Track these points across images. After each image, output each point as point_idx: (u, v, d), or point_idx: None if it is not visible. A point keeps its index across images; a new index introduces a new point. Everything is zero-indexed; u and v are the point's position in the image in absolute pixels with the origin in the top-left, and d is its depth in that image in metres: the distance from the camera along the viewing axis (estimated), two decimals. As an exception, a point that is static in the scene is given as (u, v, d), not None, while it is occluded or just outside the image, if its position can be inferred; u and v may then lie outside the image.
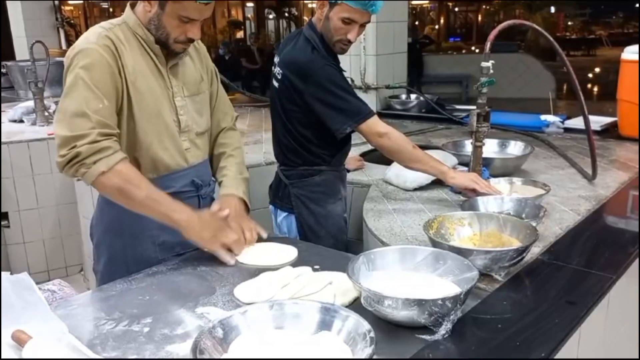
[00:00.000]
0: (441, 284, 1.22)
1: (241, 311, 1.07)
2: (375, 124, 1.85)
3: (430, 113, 3.67)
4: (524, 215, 1.61)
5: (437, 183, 2.10)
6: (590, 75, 12.53)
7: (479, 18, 17.96)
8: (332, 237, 1.94)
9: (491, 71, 1.88)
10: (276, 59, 2.01)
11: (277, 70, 1.97)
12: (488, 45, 1.87)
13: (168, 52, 1.54)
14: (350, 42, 1.90)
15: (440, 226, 1.50)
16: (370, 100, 3.86)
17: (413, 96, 3.96)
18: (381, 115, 3.88)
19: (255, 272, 1.41)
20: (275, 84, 1.97)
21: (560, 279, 1.36)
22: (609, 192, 1.99)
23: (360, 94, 3.90)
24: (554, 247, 1.54)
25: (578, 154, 2.51)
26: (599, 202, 1.90)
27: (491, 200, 1.69)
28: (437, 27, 21.18)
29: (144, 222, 1.51)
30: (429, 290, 1.19)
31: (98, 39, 1.45)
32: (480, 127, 1.91)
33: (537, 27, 1.91)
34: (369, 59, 3.77)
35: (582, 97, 1.90)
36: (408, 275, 1.27)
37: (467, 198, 1.85)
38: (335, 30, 1.87)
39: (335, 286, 1.29)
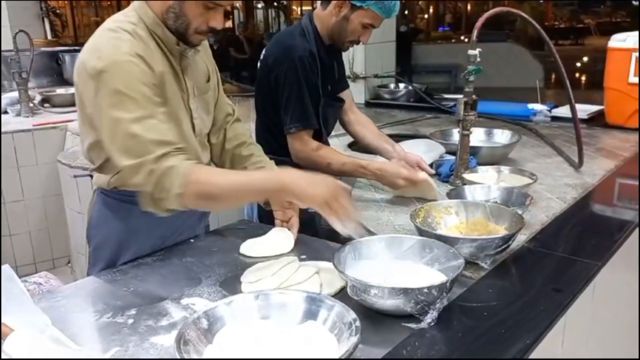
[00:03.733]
0: (427, 273, 1.22)
1: (226, 302, 1.06)
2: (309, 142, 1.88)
3: (418, 102, 3.67)
4: (510, 204, 1.61)
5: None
6: (578, 64, 12.56)
7: (468, 8, 17.95)
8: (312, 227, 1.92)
9: (478, 59, 1.88)
10: None
11: (262, 55, 1.97)
12: (475, 32, 1.86)
13: (181, 47, 1.39)
14: (359, 44, 1.94)
15: (427, 215, 1.50)
16: (359, 89, 3.85)
17: (402, 85, 3.95)
18: (370, 104, 3.89)
19: (241, 262, 1.41)
20: (259, 70, 1.96)
21: (546, 266, 1.37)
22: (595, 180, 2.00)
23: (349, 84, 3.89)
24: (540, 234, 1.55)
25: (565, 142, 2.52)
26: (585, 189, 1.91)
27: (478, 188, 1.69)
28: (426, 16, 21.12)
29: (149, 223, 1.43)
30: (416, 278, 1.19)
31: (131, 47, 1.28)
32: (468, 116, 1.90)
33: (524, 15, 1.90)
34: (357, 49, 3.72)
35: (569, 86, 1.90)
36: (395, 264, 1.27)
37: (455, 186, 1.85)
38: (352, 32, 1.88)
39: (321, 276, 1.28)
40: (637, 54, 2.61)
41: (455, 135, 2.23)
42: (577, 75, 12.34)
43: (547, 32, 1.92)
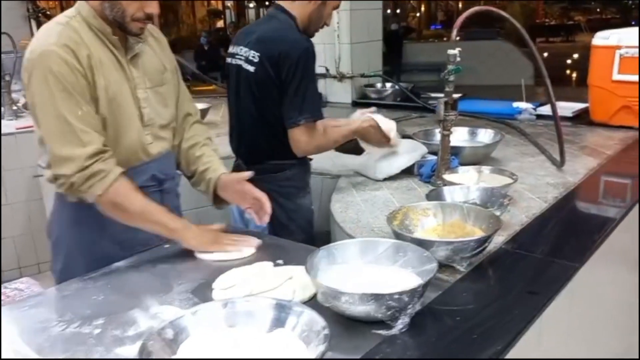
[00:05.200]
0: (401, 277, 1.20)
1: (192, 311, 1.04)
2: (318, 129, 1.87)
3: (405, 101, 3.65)
4: (489, 204, 1.60)
5: (407, 172, 2.08)
6: (569, 61, 12.61)
7: (460, 6, 17.98)
8: (303, 231, 1.91)
9: (458, 58, 1.86)
10: (242, 43, 1.93)
11: (249, 53, 1.89)
12: (455, 32, 1.85)
13: (126, 39, 1.48)
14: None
15: (405, 217, 1.48)
16: (345, 89, 3.83)
17: (388, 85, 3.94)
18: (357, 104, 3.87)
19: (215, 268, 1.38)
20: (250, 67, 1.88)
21: (523, 268, 1.35)
22: (577, 179, 1.99)
23: (335, 83, 3.88)
24: (519, 235, 1.53)
25: (549, 141, 2.51)
26: (566, 189, 1.90)
27: (457, 189, 1.67)
28: (418, 14, 21.17)
29: (104, 219, 1.46)
30: (389, 283, 1.17)
31: (58, 38, 1.37)
32: (448, 116, 1.89)
33: (504, 13, 1.89)
34: (344, 48, 3.73)
35: (549, 84, 1.89)
36: (369, 268, 1.25)
37: (435, 187, 1.84)
38: (326, 17, 1.96)
39: (295, 281, 1.26)
40: (621, 51, 2.60)
41: (438, 135, 2.22)
42: (567, 72, 12.39)
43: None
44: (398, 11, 18.26)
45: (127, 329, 1.13)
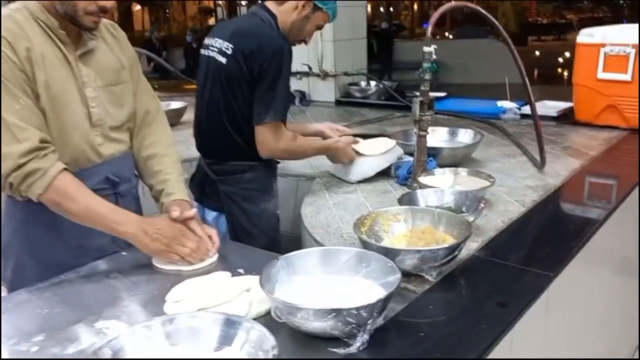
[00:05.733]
0: (363, 289, 1.13)
1: (130, 331, 0.96)
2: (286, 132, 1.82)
3: (390, 100, 3.58)
4: (464, 209, 1.53)
5: (383, 174, 2.01)
6: (560, 59, 12.59)
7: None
8: (266, 236, 1.83)
9: (434, 56, 1.80)
10: (217, 35, 1.85)
11: (223, 44, 1.80)
12: (429, 29, 1.78)
13: (79, 35, 1.40)
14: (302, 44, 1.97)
15: (374, 223, 1.41)
16: (329, 88, 3.76)
17: (373, 83, 3.86)
18: (340, 103, 3.80)
19: (172, 278, 1.31)
20: (222, 59, 1.79)
21: (494, 278, 1.28)
22: (559, 181, 1.92)
23: (318, 82, 3.80)
24: (493, 242, 1.47)
25: (531, 141, 2.44)
26: (546, 192, 1.83)
27: (431, 193, 1.60)
28: (410, 13, 21.12)
29: (57, 221, 1.38)
30: (350, 296, 1.10)
31: None
32: (424, 116, 1.82)
33: (480, 9, 1.82)
34: (327, 45, 3.65)
35: (528, 83, 1.83)
36: (330, 280, 1.18)
37: (410, 190, 1.77)
38: (307, 33, 1.90)
39: (252, 293, 1.19)
40: (606, 49, 2.54)
41: (417, 135, 2.15)
42: (558, 70, 12.36)
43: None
44: (391, 9, 18.21)
45: (67, 346, 1.05)
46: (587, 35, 2.60)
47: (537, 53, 14.71)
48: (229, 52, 1.77)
